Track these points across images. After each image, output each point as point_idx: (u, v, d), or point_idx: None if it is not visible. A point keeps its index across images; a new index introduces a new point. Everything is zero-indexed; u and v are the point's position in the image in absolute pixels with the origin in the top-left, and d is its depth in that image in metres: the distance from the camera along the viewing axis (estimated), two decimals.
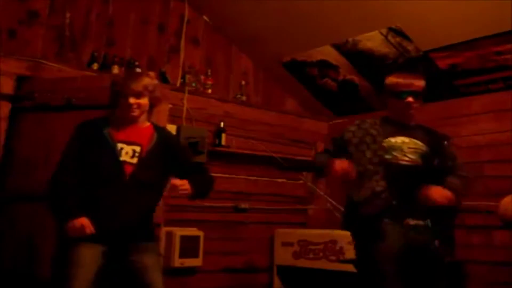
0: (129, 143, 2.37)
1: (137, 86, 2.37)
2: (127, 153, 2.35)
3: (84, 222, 2.20)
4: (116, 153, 2.33)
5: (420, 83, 2.40)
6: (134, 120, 2.42)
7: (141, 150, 2.37)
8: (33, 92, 3.27)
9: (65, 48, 3.84)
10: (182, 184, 2.31)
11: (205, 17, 4.61)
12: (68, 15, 3.87)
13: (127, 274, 2.31)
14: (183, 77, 4.32)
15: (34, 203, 2.98)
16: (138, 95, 2.37)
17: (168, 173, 2.44)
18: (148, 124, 2.49)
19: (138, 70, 3.85)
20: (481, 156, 3.98)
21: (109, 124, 2.41)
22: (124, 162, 2.33)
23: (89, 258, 2.21)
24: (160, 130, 2.52)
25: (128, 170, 2.32)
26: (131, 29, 4.19)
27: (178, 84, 4.27)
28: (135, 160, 2.35)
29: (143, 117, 2.45)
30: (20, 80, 3.36)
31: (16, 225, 3.06)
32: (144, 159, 2.36)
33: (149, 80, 2.44)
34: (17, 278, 2.97)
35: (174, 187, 2.29)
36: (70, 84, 3.24)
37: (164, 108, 3.94)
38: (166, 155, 2.46)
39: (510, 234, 3.66)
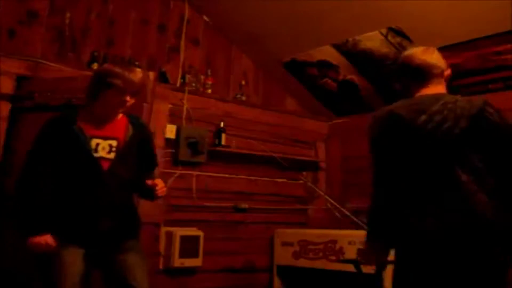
0: (105, 138, 2.29)
1: (137, 85, 2.29)
2: (104, 148, 2.27)
3: (48, 240, 2.15)
4: (89, 150, 2.24)
5: None
6: (114, 116, 2.34)
7: (118, 144, 2.29)
8: (33, 92, 3.27)
9: (65, 48, 3.83)
10: (159, 184, 2.30)
11: (205, 17, 4.61)
12: (68, 15, 3.87)
13: (111, 274, 2.28)
14: (183, 77, 4.32)
15: None
16: (135, 94, 2.30)
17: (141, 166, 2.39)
18: (120, 115, 2.39)
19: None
20: None
21: (79, 119, 2.30)
22: (101, 158, 2.25)
23: (74, 261, 2.18)
24: (134, 121, 2.41)
25: (105, 165, 2.25)
26: (131, 29, 4.18)
27: (178, 84, 4.27)
28: (112, 155, 2.27)
29: None
30: (20, 80, 3.36)
31: None
32: (121, 153, 2.29)
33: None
34: (16, 278, 2.97)
35: (154, 186, 2.28)
36: (70, 84, 3.24)
37: (164, 108, 3.96)
38: (141, 146, 2.39)
39: None
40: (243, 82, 4.72)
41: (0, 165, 3.22)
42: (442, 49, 3.82)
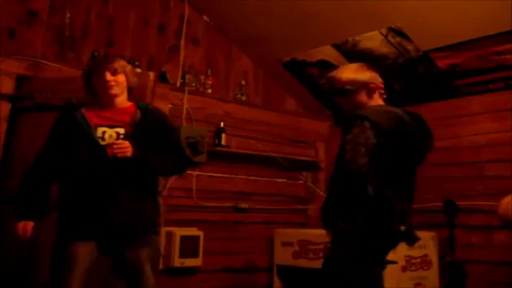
0: (111, 126, 2.30)
1: (113, 63, 2.35)
2: (111, 136, 2.28)
3: (27, 227, 2.27)
4: (95, 137, 2.26)
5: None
6: (113, 101, 2.35)
7: (126, 130, 2.30)
8: (33, 92, 3.28)
9: (65, 48, 3.83)
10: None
11: (205, 17, 4.61)
12: (68, 15, 3.87)
13: (120, 265, 2.30)
14: (183, 77, 4.32)
15: None
16: (114, 72, 2.33)
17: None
18: (130, 103, 2.41)
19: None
20: (481, 156, 3.98)
21: (83, 108, 2.34)
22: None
23: (83, 253, 2.20)
24: (144, 108, 2.42)
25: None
26: (131, 29, 4.18)
27: (178, 84, 4.26)
28: None
29: (123, 97, 2.39)
30: (20, 80, 3.36)
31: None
32: (129, 139, 2.27)
33: (125, 62, 2.41)
34: (17, 278, 2.97)
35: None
36: (70, 84, 3.24)
37: (164, 108, 3.96)
38: (156, 131, 2.37)
39: (510, 234, 3.66)
40: (243, 82, 4.72)
41: (0, 165, 3.22)
42: (442, 49, 3.85)
